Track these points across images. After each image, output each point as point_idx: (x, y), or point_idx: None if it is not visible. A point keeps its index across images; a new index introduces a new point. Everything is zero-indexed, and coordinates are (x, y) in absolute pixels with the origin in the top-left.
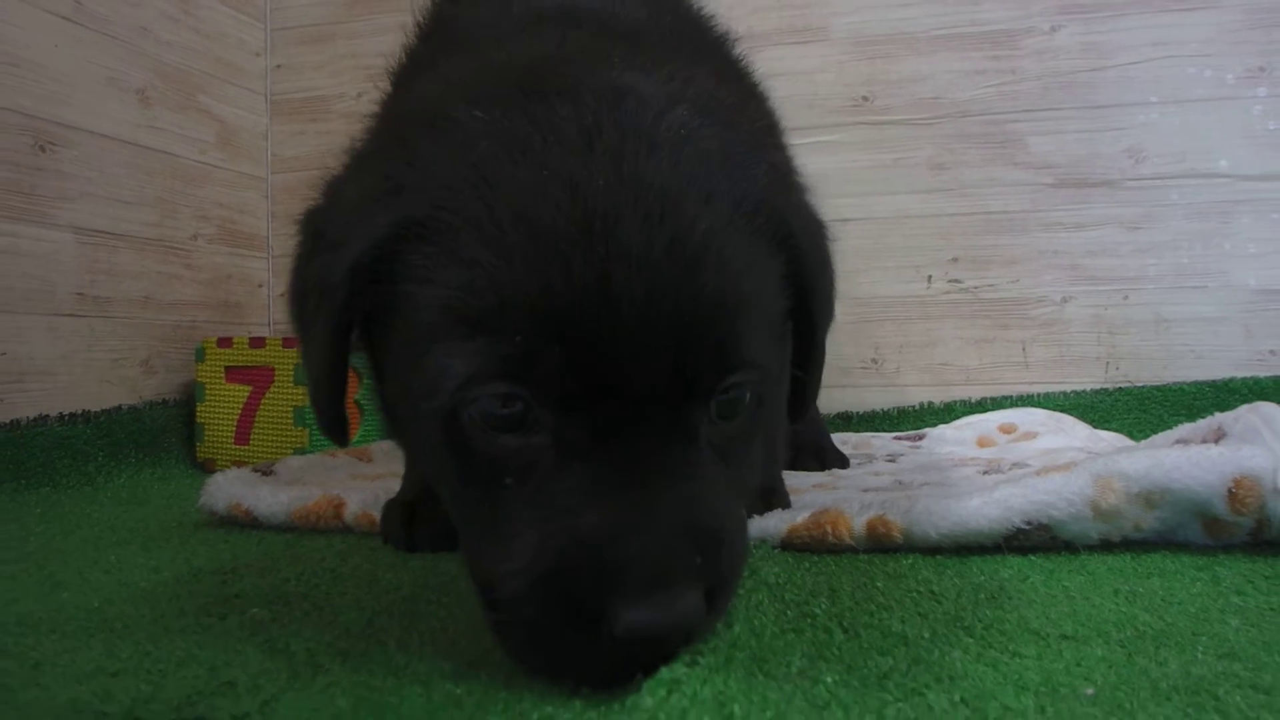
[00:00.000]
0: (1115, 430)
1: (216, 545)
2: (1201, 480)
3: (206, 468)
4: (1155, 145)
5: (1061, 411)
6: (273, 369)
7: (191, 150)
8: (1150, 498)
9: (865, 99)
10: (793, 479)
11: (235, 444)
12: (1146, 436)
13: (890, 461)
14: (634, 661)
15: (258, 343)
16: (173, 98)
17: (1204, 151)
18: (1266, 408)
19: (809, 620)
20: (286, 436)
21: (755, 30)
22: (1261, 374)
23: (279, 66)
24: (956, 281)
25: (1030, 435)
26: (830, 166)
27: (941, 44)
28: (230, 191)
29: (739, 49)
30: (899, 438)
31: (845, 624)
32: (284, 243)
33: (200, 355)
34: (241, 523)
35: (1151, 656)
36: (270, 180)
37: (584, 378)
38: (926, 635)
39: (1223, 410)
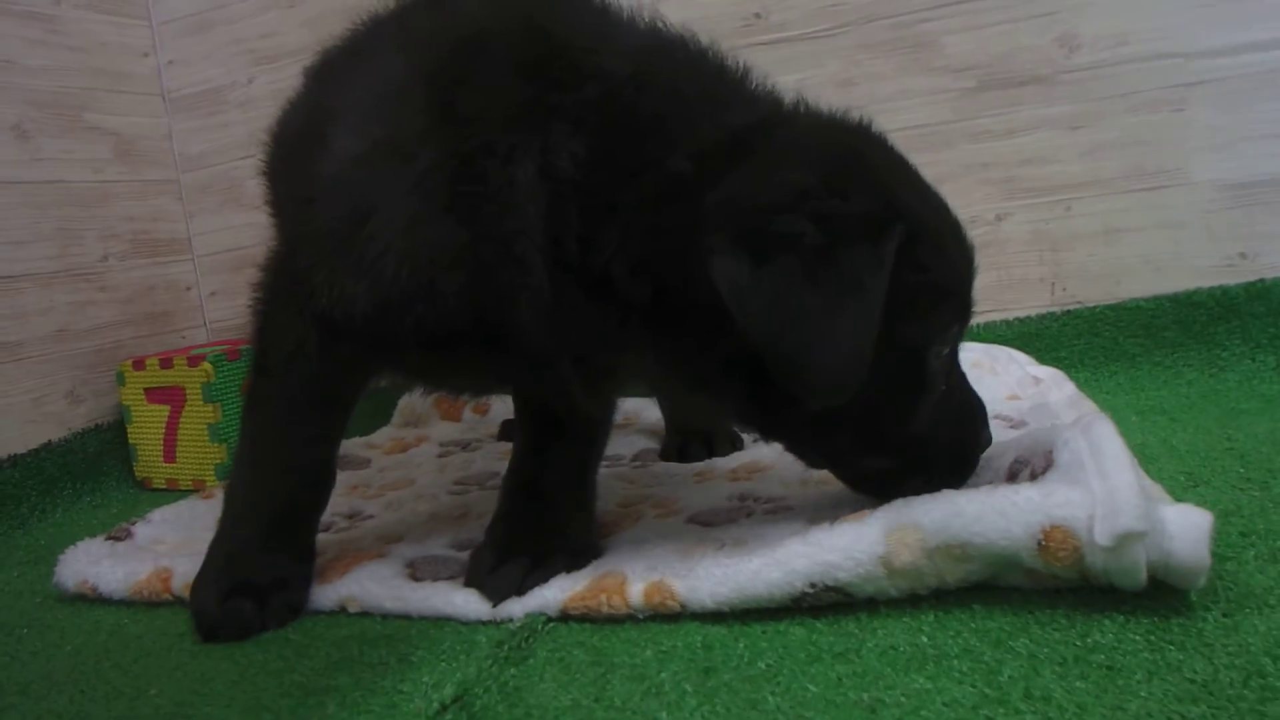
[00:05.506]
0: (1062, 360)
1: (48, 636)
2: (1006, 533)
3: (145, 485)
4: (1090, 28)
5: (1005, 342)
6: (183, 389)
7: (85, 172)
8: (952, 552)
9: (757, 16)
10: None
11: (164, 462)
12: (1098, 364)
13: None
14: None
15: (166, 363)
16: (53, 124)
17: (1148, 29)
18: (1099, 430)
19: None
20: (207, 453)
21: None
22: (1230, 282)
23: (171, 63)
24: None
25: None
26: None
27: None
28: (138, 203)
29: None
30: None
31: None
32: (206, 242)
33: (120, 379)
34: (91, 600)
35: None
36: (182, 181)
37: None
38: None
39: (1185, 330)
